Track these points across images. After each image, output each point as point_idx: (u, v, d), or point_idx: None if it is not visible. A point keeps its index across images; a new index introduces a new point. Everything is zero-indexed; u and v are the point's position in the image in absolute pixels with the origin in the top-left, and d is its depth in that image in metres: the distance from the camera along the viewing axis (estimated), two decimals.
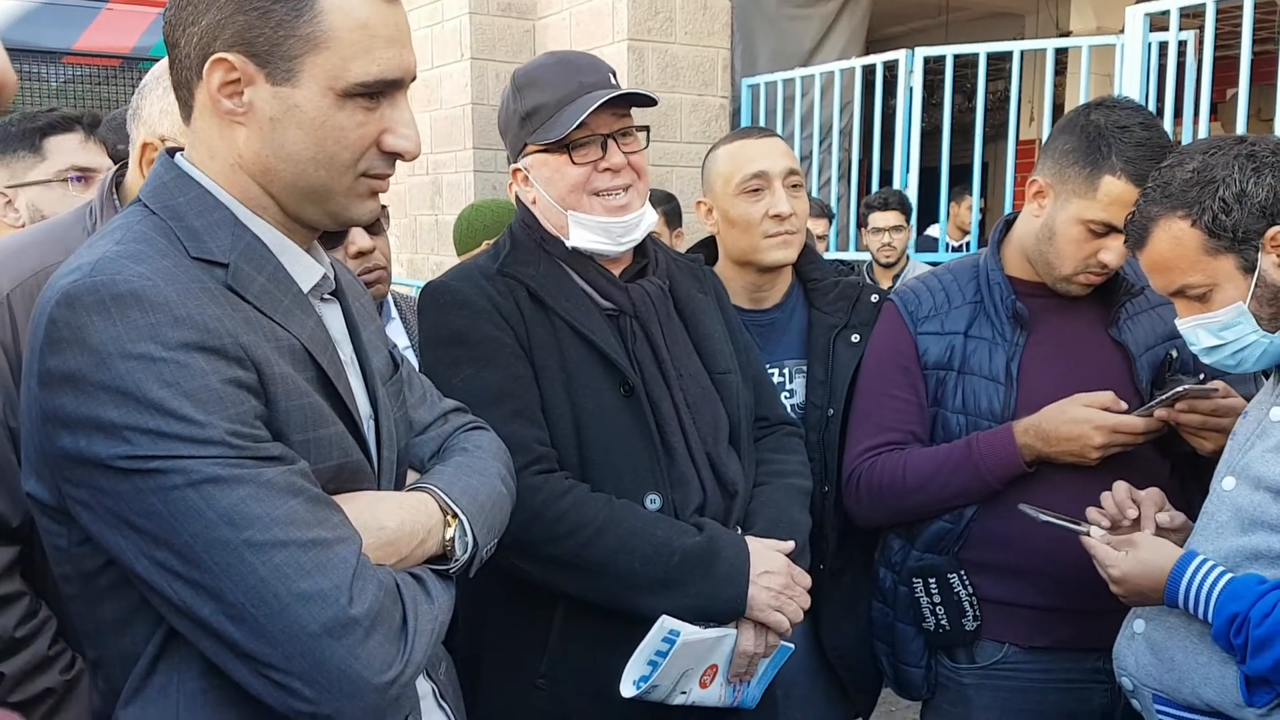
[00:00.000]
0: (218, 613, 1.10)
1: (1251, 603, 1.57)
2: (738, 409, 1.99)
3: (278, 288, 1.24)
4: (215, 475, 1.08)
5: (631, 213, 1.92)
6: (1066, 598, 2.07)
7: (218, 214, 1.24)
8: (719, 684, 1.83)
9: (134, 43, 5.23)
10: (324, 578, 1.11)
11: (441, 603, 1.27)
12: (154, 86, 1.82)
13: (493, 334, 1.85)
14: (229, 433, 1.10)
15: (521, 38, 6.71)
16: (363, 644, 1.12)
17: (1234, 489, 1.71)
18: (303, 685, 1.11)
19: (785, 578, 1.84)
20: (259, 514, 1.09)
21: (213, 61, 1.20)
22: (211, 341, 1.11)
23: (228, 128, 1.23)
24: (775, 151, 2.37)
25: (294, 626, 1.09)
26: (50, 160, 2.45)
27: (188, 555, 1.08)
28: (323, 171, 1.24)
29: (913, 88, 5.80)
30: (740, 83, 6.52)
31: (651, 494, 1.85)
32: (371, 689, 1.13)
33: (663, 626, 1.70)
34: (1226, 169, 1.66)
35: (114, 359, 1.07)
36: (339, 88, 1.21)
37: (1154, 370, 2.13)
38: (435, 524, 1.32)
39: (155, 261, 1.14)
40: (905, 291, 2.31)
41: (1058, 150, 2.09)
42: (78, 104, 4.62)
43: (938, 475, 2.11)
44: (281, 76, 1.20)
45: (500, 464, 1.53)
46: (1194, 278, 1.71)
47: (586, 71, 1.90)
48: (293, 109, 1.21)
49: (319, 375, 1.25)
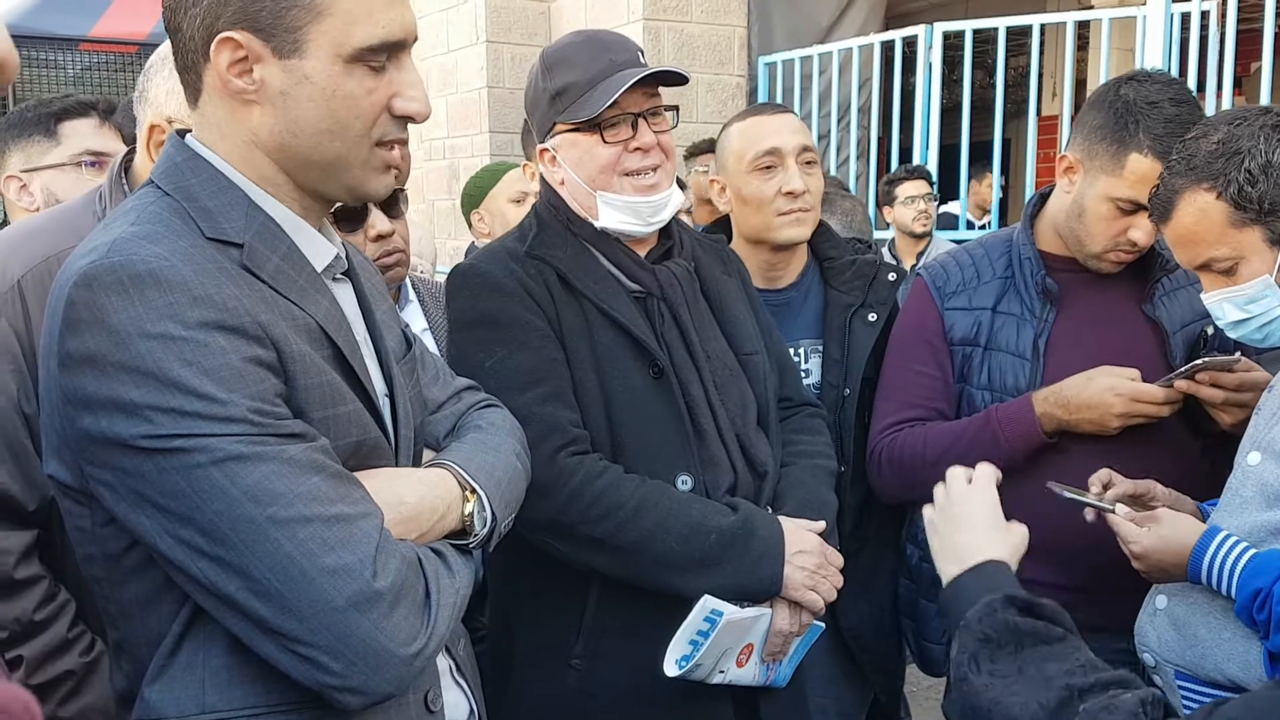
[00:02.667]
0: (244, 589, 1.11)
1: (1275, 578, 1.54)
2: (765, 390, 1.99)
3: (292, 267, 1.25)
4: (239, 453, 1.09)
5: (660, 192, 1.91)
6: (1089, 578, 2.05)
7: (231, 194, 1.24)
8: (754, 663, 1.84)
9: (150, 29, 5.23)
10: (348, 552, 1.12)
11: (462, 577, 1.28)
12: (159, 68, 1.81)
13: (525, 316, 1.85)
14: (251, 410, 1.11)
15: (537, 20, 6.68)
16: (388, 617, 1.13)
17: (1259, 464, 1.69)
18: (330, 659, 1.12)
19: (819, 557, 1.85)
20: (283, 490, 1.11)
21: (219, 41, 1.20)
22: (231, 320, 1.12)
23: (240, 108, 1.23)
24: (788, 128, 2.35)
25: (320, 601, 1.11)
26: (65, 145, 2.46)
27: (212, 533, 1.10)
28: (338, 142, 1.24)
29: (932, 64, 5.74)
30: (757, 61, 6.47)
31: (683, 475, 1.86)
32: (398, 661, 1.14)
33: (705, 606, 1.71)
34: (1252, 140, 1.64)
35: (134, 339, 1.08)
36: (345, 53, 1.21)
37: (1188, 347, 2.11)
38: (454, 499, 1.33)
39: (171, 242, 1.15)
40: (934, 266, 2.30)
41: (1088, 125, 2.06)
42: (94, 91, 4.64)
43: (956, 445, 2.10)
44: (288, 49, 1.20)
45: (515, 440, 1.53)
46: (1220, 250, 1.69)
47: (616, 50, 1.89)
48: (302, 80, 1.21)
49: (335, 354, 1.26)
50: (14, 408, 1.72)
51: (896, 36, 5.96)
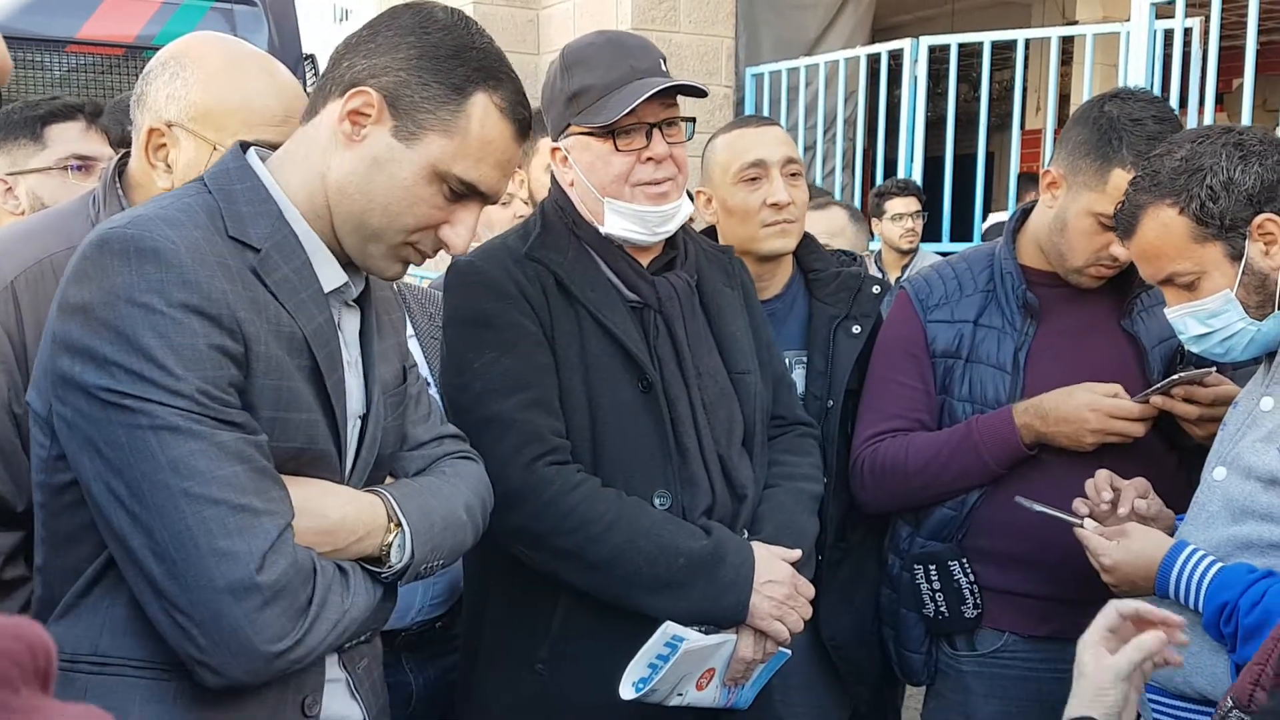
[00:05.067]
0: (145, 547, 1.20)
1: (1241, 591, 1.57)
2: (754, 411, 1.97)
3: (299, 281, 1.35)
4: (175, 424, 1.19)
5: (670, 202, 1.90)
6: (1067, 587, 2.07)
7: (266, 206, 1.36)
8: (715, 686, 1.84)
9: (137, 31, 5.21)
10: (242, 541, 1.20)
11: (358, 599, 1.34)
12: (160, 72, 1.81)
13: (517, 320, 1.84)
14: (199, 390, 1.20)
15: (524, 28, 6.71)
16: (260, 611, 1.21)
17: (1225, 479, 1.72)
18: (199, 633, 1.20)
19: (788, 587, 1.84)
20: (202, 469, 1.20)
21: (360, 90, 1.34)
22: (210, 308, 1.22)
23: (335, 144, 1.36)
24: (773, 140, 2.37)
25: (203, 578, 1.19)
26: (51, 148, 2.45)
27: (134, 489, 1.20)
28: (384, 220, 1.36)
29: (917, 77, 5.78)
30: (744, 72, 6.51)
31: (661, 492, 1.85)
32: (259, 655, 1.21)
33: (665, 632, 1.71)
34: (1214, 157, 1.67)
35: (120, 301, 1.20)
36: (440, 170, 1.36)
37: (1166, 363, 2.13)
38: (377, 527, 1.38)
39: (186, 230, 1.26)
40: (917, 279, 2.32)
41: (1071, 141, 2.09)
42: (81, 93, 4.61)
43: (938, 457, 2.12)
44: (404, 135, 1.35)
45: (471, 494, 1.56)
46: (1182, 265, 1.72)
47: (638, 55, 1.88)
48: (394, 162, 1.35)
49: (312, 365, 1.34)
50: (4, 408, 1.72)
51: (882, 49, 6.00)
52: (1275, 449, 1.65)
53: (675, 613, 1.74)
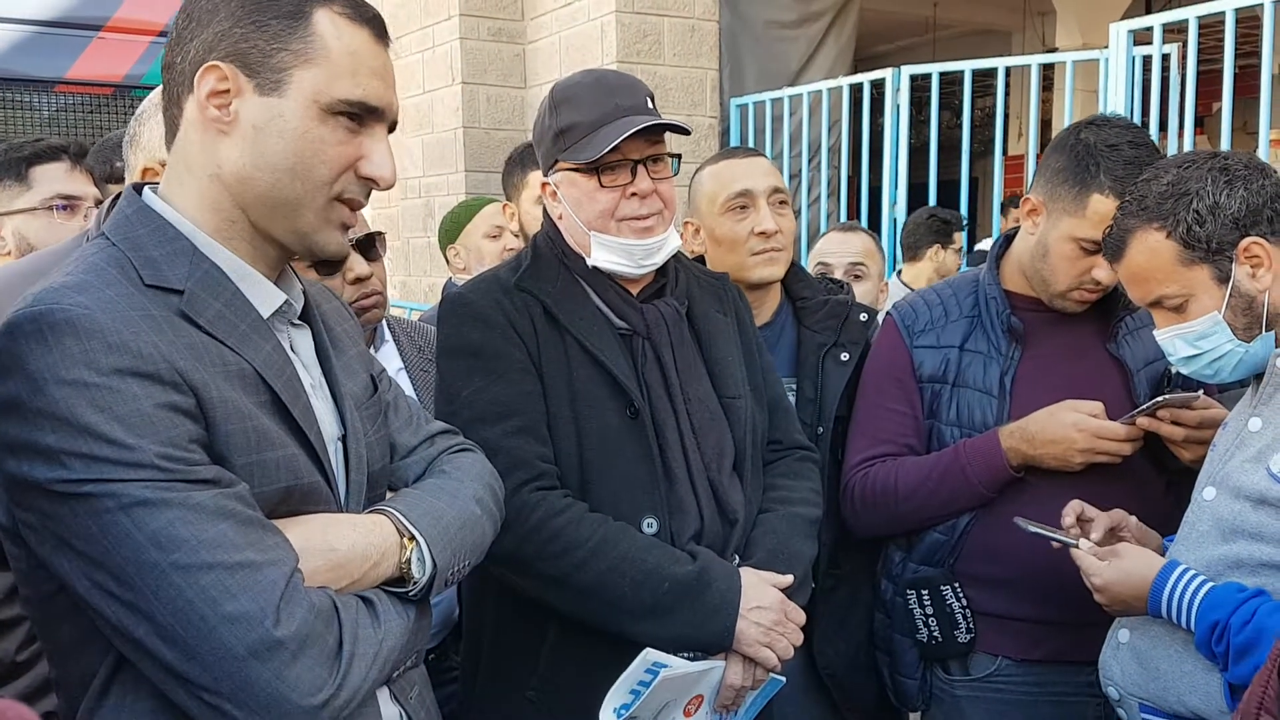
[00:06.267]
0: (151, 634, 1.12)
1: (1231, 611, 1.58)
2: (745, 435, 1.97)
3: (234, 314, 1.26)
4: (144, 498, 1.10)
5: (655, 236, 1.92)
6: (1059, 611, 2.08)
7: (177, 244, 1.26)
8: (704, 713, 1.82)
9: (126, 71, 5.25)
10: (249, 600, 1.12)
11: (392, 626, 1.27)
12: (153, 113, 1.83)
13: (505, 349, 1.86)
14: (159, 455, 1.11)
15: (512, 62, 6.75)
16: (289, 666, 1.13)
17: (1214, 499, 1.73)
18: (233, 707, 1.12)
19: (777, 614, 1.83)
20: (186, 536, 1.11)
21: (205, 69, 1.25)
22: (145, 367, 1.13)
23: (211, 139, 1.27)
24: (759, 170, 2.40)
25: (220, 649, 1.11)
26: (36, 189, 2.47)
27: (121, 577, 1.11)
28: (298, 183, 1.27)
29: (900, 105, 5.83)
30: (729, 103, 6.56)
31: (649, 517, 1.85)
32: (301, 711, 1.13)
33: (646, 658, 1.69)
34: (1200, 182, 1.70)
35: (49, 385, 1.10)
36: (323, 102, 1.26)
37: (1153, 385, 2.15)
38: (390, 546, 1.31)
39: (99, 291, 1.17)
40: (904, 305, 2.34)
41: (1050, 168, 2.11)
42: (70, 133, 4.64)
43: (927, 481, 2.13)
44: (270, 87, 1.25)
45: (479, 485, 1.51)
46: (1170, 288, 1.74)
47: (624, 94, 1.91)
48: (276, 118, 1.25)
49: (273, 399, 1.26)
50: None
51: (865, 79, 6.05)
52: (1264, 469, 1.66)
53: (661, 638, 1.73)
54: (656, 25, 6.11)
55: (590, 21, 6.21)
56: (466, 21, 6.60)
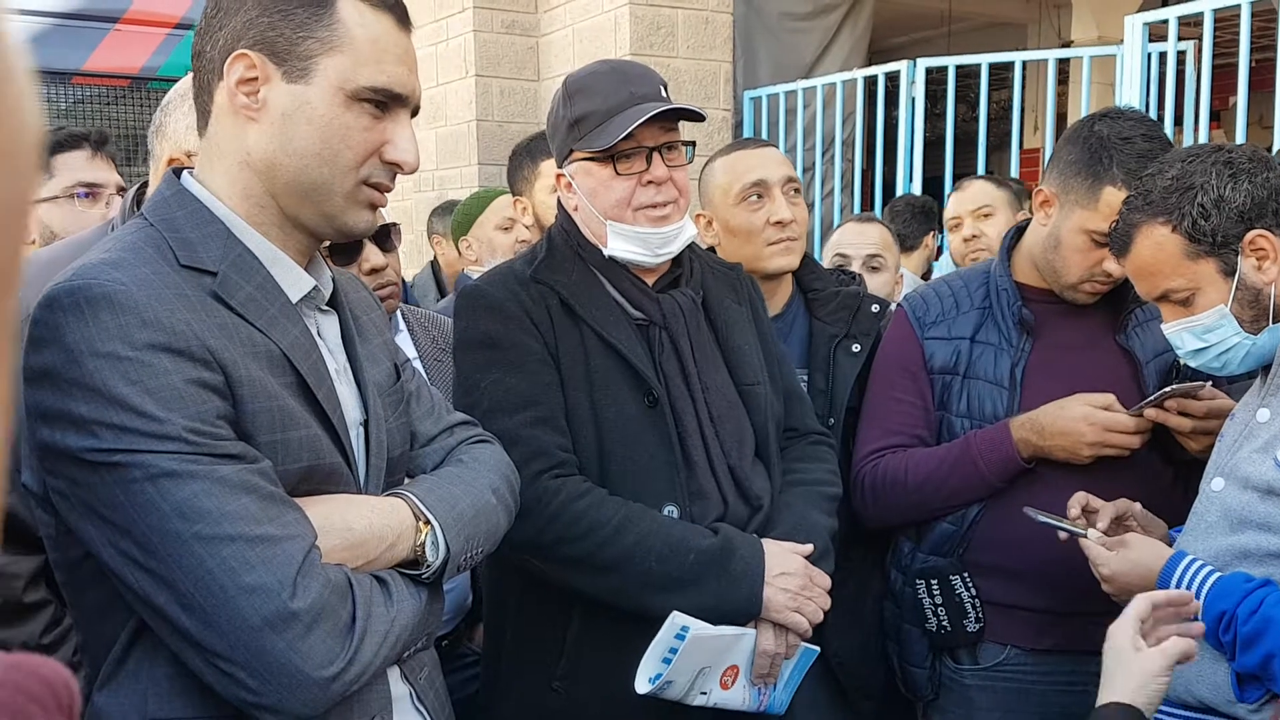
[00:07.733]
0: (171, 601, 1.15)
1: (1238, 600, 1.59)
2: (765, 422, 1.99)
3: (265, 296, 1.30)
4: (171, 470, 1.14)
5: (671, 224, 1.93)
6: (1068, 600, 2.09)
7: (212, 227, 1.30)
8: (742, 686, 1.83)
9: (143, 63, 5.27)
10: (267, 572, 1.15)
11: (404, 606, 1.30)
12: (179, 104, 1.85)
13: (522, 340, 1.87)
14: (187, 429, 1.15)
15: (525, 55, 6.76)
16: (303, 638, 1.16)
17: (1222, 489, 1.74)
18: (246, 675, 1.16)
19: (802, 579, 1.85)
20: (210, 508, 1.14)
21: (234, 57, 1.28)
22: (177, 343, 1.17)
23: (240, 125, 1.30)
24: (773, 160, 2.41)
25: (237, 618, 1.14)
26: (58, 177, 2.49)
27: (146, 545, 1.15)
28: (325, 168, 1.30)
29: (915, 98, 5.81)
30: (742, 95, 6.55)
31: (669, 505, 1.86)
32: (312, 683, 1.17)
33: (674, 623, 1.71)
34: (1204, 176, 1.70)
35: (84, 357, 1.13)
36: (349, 89, 1.29)
37: (1161, 377, 2.16)
38: (406, 529, 1.34)
39: (135, 269, 1.21)
40: (914, 297, 2.35)
41: (1063, 160, 2.12)
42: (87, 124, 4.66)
43: (937, 472, 2.14)
44: (297, 74, 1.28)
45: (495, 475, 1.54)
46: (1176, 282, 1.75)
47: (638, 82, 1.92)
48: (304, 105, 1.29)
49: (298, 380, 1.30)
50: None
51: (879, 71, 6.04)
52: (1272, 459, 1.67)
53: (689, 610, 1.74)
54: (670, 17, 6.11)
55: (604, 14, 6.20)
56: (480, 14, 6.60)
